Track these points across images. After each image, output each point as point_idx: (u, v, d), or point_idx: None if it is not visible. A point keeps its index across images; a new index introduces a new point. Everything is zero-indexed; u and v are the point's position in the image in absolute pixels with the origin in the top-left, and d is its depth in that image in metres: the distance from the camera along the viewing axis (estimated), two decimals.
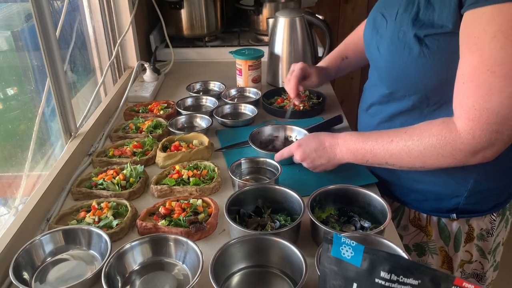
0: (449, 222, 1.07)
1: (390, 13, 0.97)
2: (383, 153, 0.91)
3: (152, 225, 0.95)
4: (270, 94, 1.59)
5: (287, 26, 1.62)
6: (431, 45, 0.87)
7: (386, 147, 0.91)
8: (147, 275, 0.86)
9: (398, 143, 0.89)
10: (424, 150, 0.85)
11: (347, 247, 0.59)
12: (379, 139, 0.92)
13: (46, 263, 0.90)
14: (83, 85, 1.68)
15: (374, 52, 1.03)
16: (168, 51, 1.98)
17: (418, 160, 0.87)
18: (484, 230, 1.08)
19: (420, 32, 0.88)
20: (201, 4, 1.98)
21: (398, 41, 0.92)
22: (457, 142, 0.81)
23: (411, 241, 1.14)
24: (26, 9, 1.30)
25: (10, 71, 1.30)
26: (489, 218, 1.07)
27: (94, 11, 1.63)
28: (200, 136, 1.28)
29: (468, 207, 1.04)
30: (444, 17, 0.84)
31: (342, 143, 0.99)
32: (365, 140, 0.95)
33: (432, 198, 1.06)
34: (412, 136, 0.87)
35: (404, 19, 0.92)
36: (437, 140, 0.83)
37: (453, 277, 0.54)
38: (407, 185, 1.09)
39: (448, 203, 1.05)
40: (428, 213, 1.08)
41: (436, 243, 1.10)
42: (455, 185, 1.01)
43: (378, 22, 1.02)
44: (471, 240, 1.09)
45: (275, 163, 1.12)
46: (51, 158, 1.38)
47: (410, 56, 0.91)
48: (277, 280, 0.84)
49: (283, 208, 0.99)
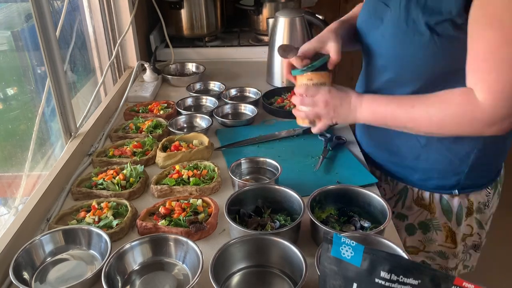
0: (450, 198, 1.12)
1: (393, 1, 0.99)
2: (403, 117, 0.94)
3: (152, 225, 0.95)
4: (270, 94, 1.59)
5: (287, 26, 1.62)
6: (441, 32, 0.90)
7: (408, 111, 0.93)
8: (147, 275, 0.86)
9: (420, 109, 0.91)
10: (444, 117, 0.89)
11: (347, 247, 0.59)
12: (401, 103, 0.95)
13: (46, 263, 0.90)
14: (83, 85, 1.68)
15: (377, 39, 1.05)
16: (168, 51, 1.98)
17: (437, 126, 0.91)
18: (481, 203, 1.14)
19: (430, 19, 0.90)
20: (201, 4, 1.98)
21: (408, 28, 0.94)
22: (476, 112, 0.84)
23: (416, 220, 1.17)
24: (26, 9, 1.30)
25: (10, 71, 1.30)
26: (485, 191, 1.13)
27: (94, 11, 1.63)
28: (200, 136, 1.28)
29: (469, 183, 1.09)
30: (452, 2, 0.86)
31: (365, 103, 1.00)
32: (388, 103, 0.97)
33: (436, 176, 1.10)
34: (434, 103, 0.90)
35: (411, 7, 0.93)
36: (457, 108, 0.87)
37: (452, 277, 0.54)
38: (411, 165, 1.12)
39: (451, 180, 1.09)
40: (432, 191, 1.12)
41: (440, 219, 1.14)
42: (458, 161, 1.06)
43: (379, 11, 1.03)
44: (470, 214, 1.14)
45: (275, 163, 1.12)
46: (51, 158, 1.38)
47: (420, 43, 0.93)
48: (277, 280, 0.84)
49: (283, 208, 0.99)
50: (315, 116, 1.06)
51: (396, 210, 1.21)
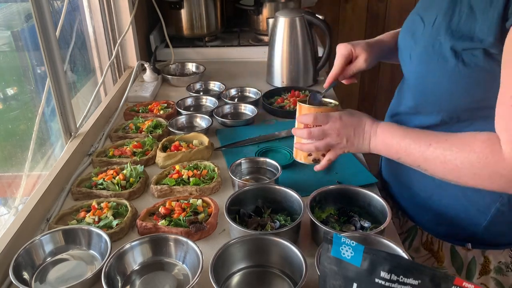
0: (462, 250, 1.00)
1: (428, 17, 0.89)
2: (417, 155, 0.84)
3: (152, 225, 0.95)
4: (270, 94, 1.59)
5: (287, 26, 1.62)
6: (467, 60, 0.80)
7: (423, 150, 0.82)
8: (147, 275, 0.86)
9: (436, 150, 0.80)
10: (461, 165, 0.77)
11: (347, 247, 0.59)
12: (418, 140, 0.84)
13: (46, 263, 0.90)
14: (83, 85, 1.68)
15: (406, 59, 0.96)
16: (168, 51, 1.98)
17: (452, 173, 0.80)
18: (503, 264, 1.00)
19: (458, 44, 0.80)
20: (201, 4, 1.98)
21: (433, 50, 0.85)
22: (499, 166, 0.73)
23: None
24: (26, 9, 1.30)
25: (10, 71, 1.30)
26: (509, 252, 0.99)
27: (94, 11, 1.63)
28: (200, 136, 1.28)
29: (486, 238, 0.96)
30: (486, 29, 0.76)
31: (380, 133, 0.90)
32: (403, 136, 0.86)
33: (447, 223, 0.98)
34: (452, 146, 0.79)
35: (442, 26, 0.84)
36: (478, 158, 0.75)
37: (453, 277, 0.54)
38: (422, 204, 1.02)
39: (464, 231, 0.97)
40: (442, 238, 1.01)
41: (448, 270, 1.03)
42: (475, 212, 0.93)
43: (415, 26, 0.94)
44: (487, 273, 1.01)
45: (275, 163, 1.12)
46: (51, 158, 1.38)
47: (443, 70, 0.84)
48: (277, 280, 0.84)
49: (283, 208, 0.99)
50: (326, 148, 0.96)
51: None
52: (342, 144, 0.94)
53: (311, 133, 0.95)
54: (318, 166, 1.00)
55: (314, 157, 1.00)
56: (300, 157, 1.03)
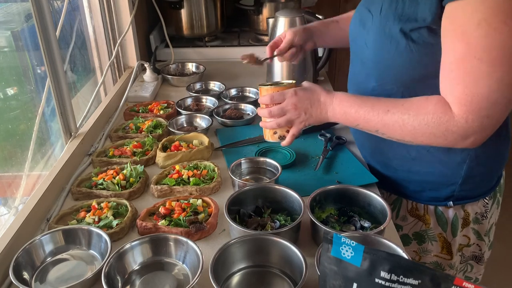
0: (445, 209, 1.10)
1: (375, 8, 0.98)
2: (376, 121, 0.91)
3: (152, 225, 0.95)
4: None
5: (287, 26, 1.62)
6: (416, 39, 0.89)
7: (381, 116, 0.90)
8: (147, 275, 0.86)
9: (394, 115, 0.88)
10: (418, 126, 0.86)
11: (347, 247, 0.59)
12: (376, 106, 0.91)
13: (46, 263, 0.90)
14: (83, 85, 1.68)
15: (361, 46, 1.04)
16: (168, 51, 1.98)
17: (410, 134, 0.88)
18: (478, 214, 1.12)
19: (405, 26, 0.90)
20: (201, 4, 1.98)
21: (385, 35, 0.94)
22: (450, 124, 0.82)
23: (410, 231, 1.16)
24: (26, 9, 1.30)
25: (10, 71, 1.30)
26: (483, 202, 1.11)
27: (94, 11, 1.63)
28: (200, 136, 1.28)
29: (463, 194, 1.07)
30: (427, 10, 0.86)
31: (336, 103, 0.97)
32: (361, 104, 0.93)
33: (429, 188, 1.08)
34: (409, 110, 0.87)
35: (389, 13, 0.93)
36: (432, 119, 0.84)
37: (452, 277, 0.54)
38: (403, 177, 1.11)
39: (444, 191, 1.07)
40: (426, 203, 1.11)
41: (435, 230, 1.13)
42: (450, 173, 1.04)
43: (364, 17, 1.03)
44: (467, 225, 1.12)
45: (275, 163, 1.12)
46: (51, 158, 1.38)
47: (396, 50, 0.93)
48: (277, 280, 0.84)
49: (283, 208, 0.99)
50: (287, 123, 1.02)
51: None
52: (302, 117, 1.01)
53: (271, 112, 1.02)
54: (284, 142, 1.05)
55: (279, 134, 1.05)
56: (268, 137, 1.08)
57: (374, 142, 1.10)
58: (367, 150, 1.20)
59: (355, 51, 1.10)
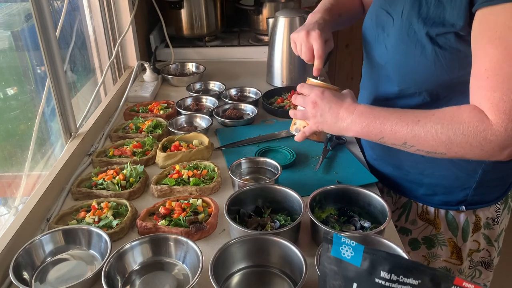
0: (456, 214, 1.08)
1: (395, 10, 0.96)
2: (404, 132, 0.85)
3: (152, 225, 0.95)
4: (270, 94, 1.59)
5: (287, 26, 1.62)
6: (442, 44, 0.87)
7: (411, 127, 0.84)
8: (147, 275, 0.86)
9: (425, 125, 0.83)
10: (453, 135, 0.80)
11: (347, 247, 0.59)
12: (403, 117, 0.85)
13: (46, 263, 0.90)
14: (83, 85, 1.68)
15: (381, 50, 1.01)
16: (168, 51, 1.98)
17: (444, 145, 0.82)
18: (490, 219, 1.10)
19: (431, 30, 0.87)
20: (201, 4, 1.98)
21: (409, 39, 0.91)
22: (488, 132, 0.78)
23: (420, 235, 1.14)
24: (26, 9, 1.30)
25: (10, 71, 1.30)
26: (494, 207, 1.08)
27: (94, 11, 1.63)
28: (200, 136, 1.28)
29: (476, 198, 1.05)
30: (455, 15, 0.83)
31: (357, 115, 0.91)
32: (387, 116, 0.87)
33: (441, 192, 1.06)
34: (442, 120, 0.82)
35: (413, 16, 0.90)
36: (468, 127, 0.79)
37: (453, 277, 0.54)
38: (415, 180, 1.08)
39: (457, 196, 1.05)
40: (437, 206, 1.08)
41: (445, 235, 1.11)
42: (465, 177, 1.02)
43: (383, 20, 1.00)
44: (478, 230, 1.10)
45: (275, 163, 1.12)
46: (51, 158, 1.38)
47: (422, 55, 0.90)
48: (277, 280, 0.84)
49: (283, 208, 0.99)
50: (302, 117, 1.00)
51: (399, 224, 1.17)
52: (317, 118, 0.97)
53: (295, 99, 1.02)
54: (296, 136, 1.05)
55: (297, 127, 1.06)
56: (291, 125, 1.09)
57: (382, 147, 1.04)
58: (377, 152, 1.16)
59: (372, 54, 1.06)
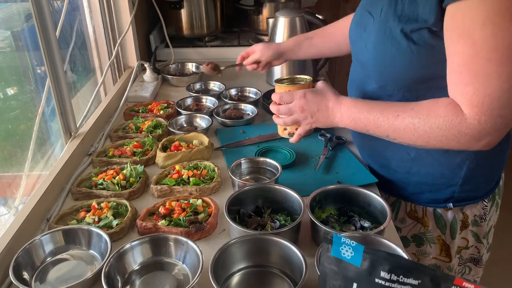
0: (444, 212, 1.10)
1: (375, 10, 0.98)
2: (386, 126, 0.90)
3: (152, 225, 0.95)
4: (270, 94, 1.57)
5: (287, 26, 1.62)
6: (417, 40, 0.89)
7: (391, 121, 0.88)
8: (147, 275, 0.86)
9: (404, 119, 0.87)
10: (429, 130, 0.84)
11: (347, 247, 0.59)
12: (385, 112, 0.90)
13: (46, 263, 0.90)
14: (83, 85, 1.68)
15: (361, 48, 1.04)
16: (168, 51, 1.98)
17: (422, 138, 0.86)
18: (477, 216, 1.12)
19: (406, 27, 0.89)
20: (201, 4, 1.98)
21: (385, 36, 0.93)
22: (463, 126, 0.81)
23: (409, 233, 1.16)
24: (26, 9, 1.30)
25: (10, 71, 1.30)
26: (481, 204, 1.11)
27: (94, 11, 1.63)
28: (200, 136, 1.28)
29: (463, 195, 1.07)
30: (427, 10, 0.85)
31: (345, 109, 0.96)
32: (370, 110, 0.92)
33: (428, 190, 1.08)
34: (419, 114, 0.85)
35: (389, 14, 0.93)
36: (444, 121, 0.82)
37: (452, 277, 0.54)
38: (402, 179, 1.10)
39: (444, 193, 1.07)
40: (425, 204, 1.10)
41: (433, 232, 1.12)
42: (450, 174, 1.04)
43: (364, 20, 1.03)
44: (466, 227, 1.12)
45: (275, 163, 1.12)
46: (51, 158, 1.38)
47: (397, 51, 0.92)
48: (277, 280, 0.84)
49: (283, 208, 0.99)
50: (293, 123, 1.03)
51: None
52: (308, 120, 1.01)
53: (279, 110, 1.05)
54: (291, 139, 1.08)
55: (289, 131, 1.09)
56: (279, 131, 1.12)
57: (373, 144, 1.09)
58: (366, 151, 1.19)
59: (355, 54, 1.10)
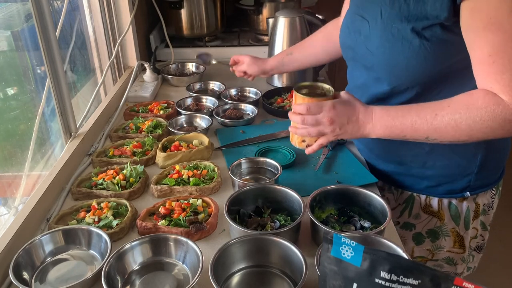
0: (459, 203, 1.11)
1: (370, 14, 0.98)
2: (426, 128, 0.88)
3: (152, 225, 0.95)
4: (270, 94, 1.59)
5: (287, 26, 1.62)
6: (429, 37, 0.89)
7: (430, 121, 0.87)
8: (147, 275, 0.86)
9: (444, 118, 0.85)
10: (473, 123, 0.83)
11: (347, 247, 0.59)
12: (421, 114, 0.88)
13: (46, 263, 0.90)
14: (83, 85, 1.68)
15: (363, 53, 1.03)
16: (168, 51, 1.98)
17: (465, 133, 0.85)
18: (486, 205, 1.13)
19: (416, 25, 0.90)
20: (201, 4, 1.98)
21: (393, 38, 0.94)
22: (507, 113, 0.81)
23: (424, 228, 1.15)
24: (26, 9, 1.30)
25: (10, 71, 1.30)
26: (490, 192, 1.13)
27: (94, 11, 1.63)
28: (200, 136, 1.28)
29: (478, 183, 1.08)
30: (438, 7, 0.86)
31: (377, 119, 0.93)
32: (404, 115, 0.90)
33: (445, 182, 1.08)
34: (458, 110, 0.84)
35: (394, 16, 0.93)
36: (486, 112, 0.82)
37: (452, 277, 0.54)
38: (418, 173, 1.10)
39: (460, 183, 1.08)
40: (441, 196, 1.10)
41: (448, 225, 1.13)
42: (466, 163, 1.05)
43: (357, 25, 1.03)
44: (477, 217, 1.14)
45: (275, 163, 1.12)
46: (51, 158, 1.38)
47: (410, 50, 0.92)
48: (277, 280, 0.84)
49: (283, 208, 0.99)
50: (319, 134, 0.98)
51: (402, 220, 1.17)
52: (336, 132, 0.96)
53: (305, 120, 0.97)
54: (309, 149, 1.01)
55: (308, 143, 1.02)
56: (295, 142, 1.04)
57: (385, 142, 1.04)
58: (376, 151, 1.17)
59: (356, 59, 1.09)
